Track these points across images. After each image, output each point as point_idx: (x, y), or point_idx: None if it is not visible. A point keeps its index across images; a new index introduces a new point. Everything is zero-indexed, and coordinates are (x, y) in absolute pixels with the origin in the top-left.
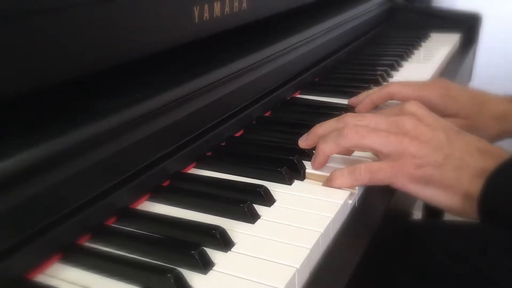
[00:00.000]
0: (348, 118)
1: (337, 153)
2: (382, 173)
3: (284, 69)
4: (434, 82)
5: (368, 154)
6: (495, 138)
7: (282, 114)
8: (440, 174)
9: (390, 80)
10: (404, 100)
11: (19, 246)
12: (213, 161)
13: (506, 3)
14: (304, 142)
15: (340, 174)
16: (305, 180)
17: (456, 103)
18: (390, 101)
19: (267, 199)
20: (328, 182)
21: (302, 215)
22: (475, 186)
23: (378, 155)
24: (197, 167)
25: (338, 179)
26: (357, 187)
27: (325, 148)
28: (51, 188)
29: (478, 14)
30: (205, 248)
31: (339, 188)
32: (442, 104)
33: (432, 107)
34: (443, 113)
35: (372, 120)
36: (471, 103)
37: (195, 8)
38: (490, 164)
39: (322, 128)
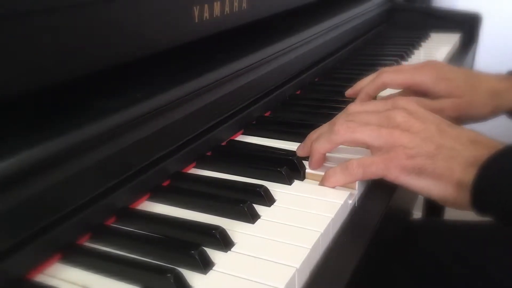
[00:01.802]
0: (338, 116)
1: (346, 145)
2: (375, 166)
3: (284, 69)
4: (427, 65)
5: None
6: (490, 114)
7: (282, 114)
8: (432, 164)
9: None
10: (399, 87)
11: (19, 246)
12: (213, 161)
13: (506, 3)
14: (301, 150)
15: (333, 173)
16: (305, 180)
17: (449, 85)
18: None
19: (267, 199)
20: (323, 182)
21: (302, 215)
22: (468, 175)
23: (370, 150)
24: (197, 167)
25: (331, 177)
26: (356, 187)
27: (319, 147)
28: (51, 188)
29: (478, 14)
30: (205, 248)
31: (333, 187)
32: (435, 87)
33: (426, 90)
34: (437, 95)
35: (363, 115)
36: (465, 82)
37: (195, 8)
38: (482, 153)
39: (316, 133)
